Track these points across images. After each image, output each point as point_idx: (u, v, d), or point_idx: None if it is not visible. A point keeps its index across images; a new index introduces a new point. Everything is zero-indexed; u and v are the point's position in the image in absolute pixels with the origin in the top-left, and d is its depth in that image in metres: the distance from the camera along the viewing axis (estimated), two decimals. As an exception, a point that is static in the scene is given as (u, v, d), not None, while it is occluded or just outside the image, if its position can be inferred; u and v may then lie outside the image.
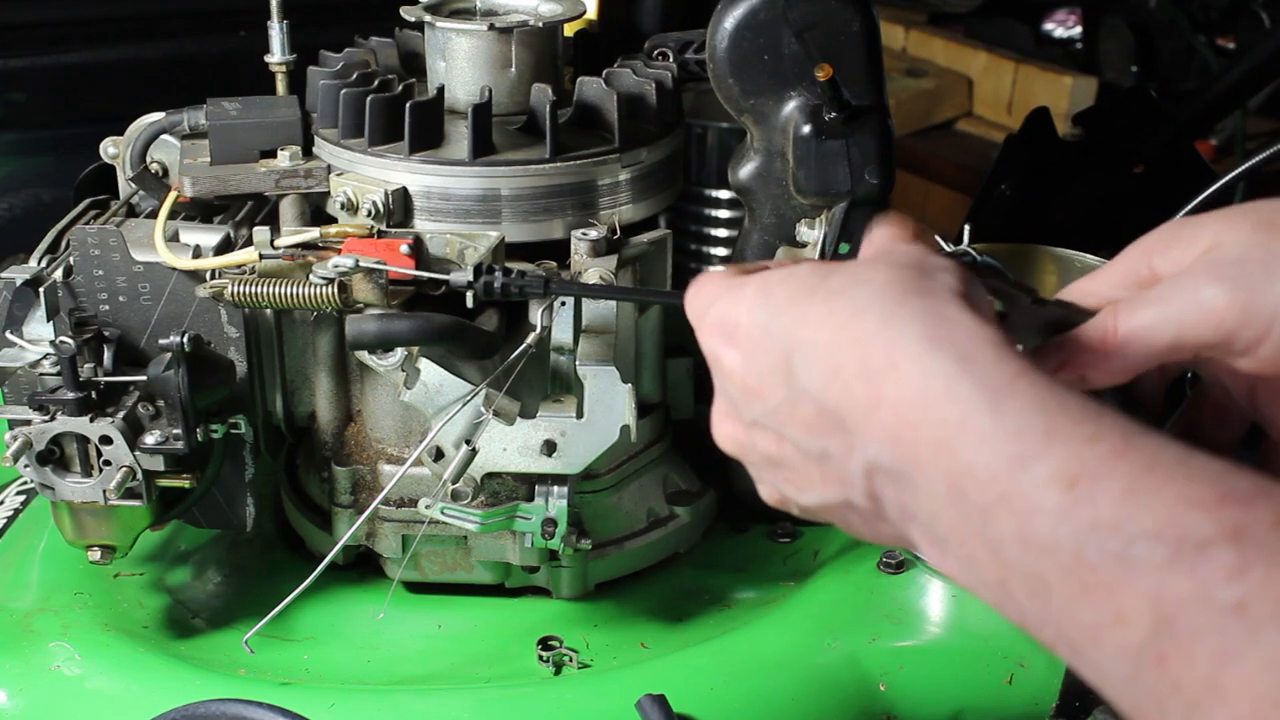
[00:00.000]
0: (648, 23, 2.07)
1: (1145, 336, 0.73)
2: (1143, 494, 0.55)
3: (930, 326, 0.64)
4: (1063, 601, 0.56)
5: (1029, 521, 0.57)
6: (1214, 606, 0.51)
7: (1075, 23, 4.12)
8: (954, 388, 0.61)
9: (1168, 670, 0.52)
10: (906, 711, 1.24)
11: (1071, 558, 0.56)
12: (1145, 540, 0.53)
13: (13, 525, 1.47)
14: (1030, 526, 0.57)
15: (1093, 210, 2.12)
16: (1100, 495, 0.55)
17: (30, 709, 1.24)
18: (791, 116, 1.31)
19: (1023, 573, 0.58)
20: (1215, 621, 0.51)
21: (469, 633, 1.38)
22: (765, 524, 1.50)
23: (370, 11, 2.25)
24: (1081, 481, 0.56)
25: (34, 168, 2.49)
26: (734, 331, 0.73)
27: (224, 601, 1.42)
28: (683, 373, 1.48)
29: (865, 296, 0.67)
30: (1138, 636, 0.53)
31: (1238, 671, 0.50)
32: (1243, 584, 0.51)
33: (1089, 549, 0.55)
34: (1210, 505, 0.53)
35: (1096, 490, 0.56)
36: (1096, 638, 0.55)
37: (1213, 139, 3.41)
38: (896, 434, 0.63)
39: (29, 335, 1.23)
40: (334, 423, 1.37)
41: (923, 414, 0.62)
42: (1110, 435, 0.57)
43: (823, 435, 0.68)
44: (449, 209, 1.28)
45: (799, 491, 0.73)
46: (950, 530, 0.62)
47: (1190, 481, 0.55)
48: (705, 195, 1.71)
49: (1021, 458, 0.58)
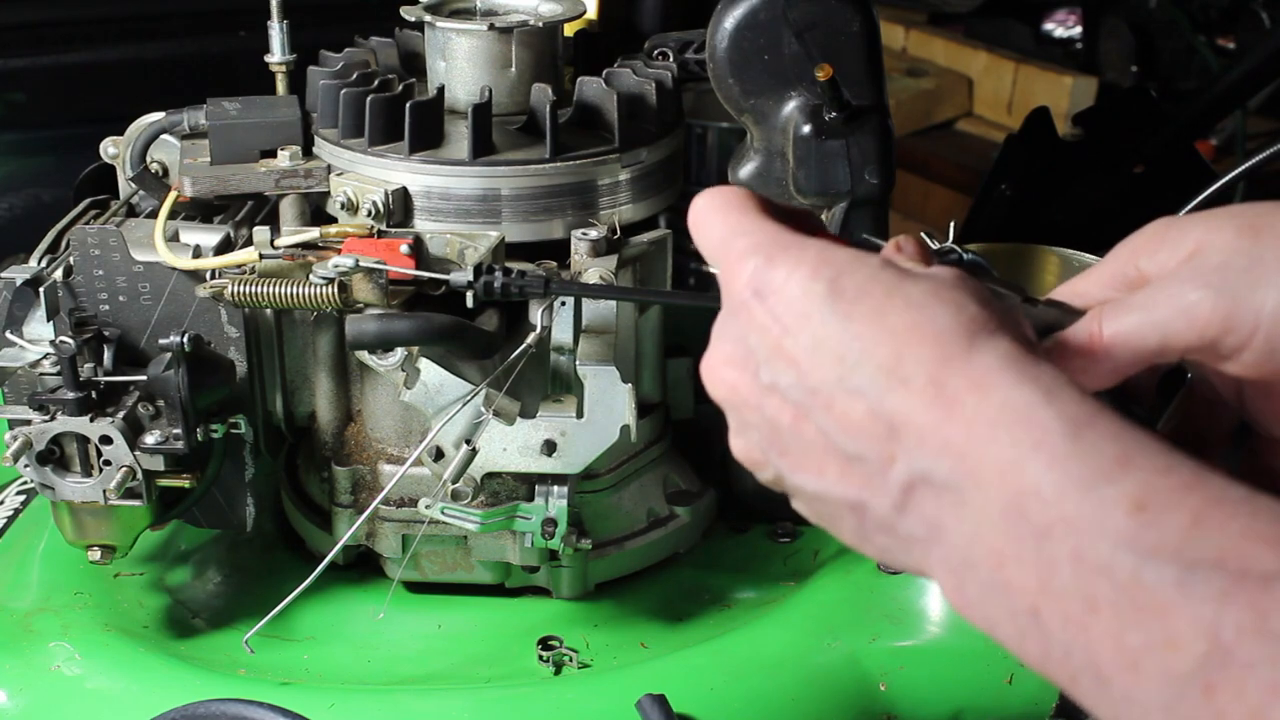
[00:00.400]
0: (648, 23, 2.07)
1: (1130, 341, 0.73)
2: (1209, 525, 0.55)
3: (1017, 359, 0.64)
4: (1109, 624, 0.56)
5: (1090, 541, 0.57)
6: (1272, 639, 0.51)
7: (1075, 23, 4.13)
8: (1036, 414, 0.61)
9: (1214, 700, 0.52)
10: (906, 711, 1.24)
11: (1129, 579, 0.55)
12: (1207, 569, 0.54)
13: (13, 525, 1.47)
14: (1090, 546, 0.57)
15: (1093, 210, 2.12)
16: (1167, 522, 0.56)
17: (30, 709, 1.24)
18: (791, 116, 1.31)
19: (1070, 595, 0.58)
20: (1272, 654, 0.51)
21: (469, 633, 1.38)
22: (765, 524, 1.50)
23: (370, 11, 2.25)
24: (1150, 508, 0.56)
25: (34, 168, 2.49)
26: (781, 296, 0.70)
27: (224, 601, 1.42)
28: (683, 373, 1.47)
29: (949, 317, 0.66)
30: (1187, 664, 0.53)
31: None
32: None
33: (1148, 572, 0.55)
34: (1275, 541, 0.53)
35: (1164, 517, 0.56)
36: (1139, 663, 0.55)
37: (1213, 139, 3.42)
38: (962, 450, 0.62)
39: (29, 335, 1.23)
40: (334, 423, 1.37)
41: (998, 434, 0.61)
42: (1182, 470, 0.58)
43: (864, 438, 0.66)
44: (449, 209, 1.28)
45: (796, 472, 0.71)
46: (990, 552, 0.61)
47: (1255, 518, 0.55)
48: (705, 195, 1.70)
49: (1092, 480, 0.58)
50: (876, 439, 0.66)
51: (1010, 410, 0.62)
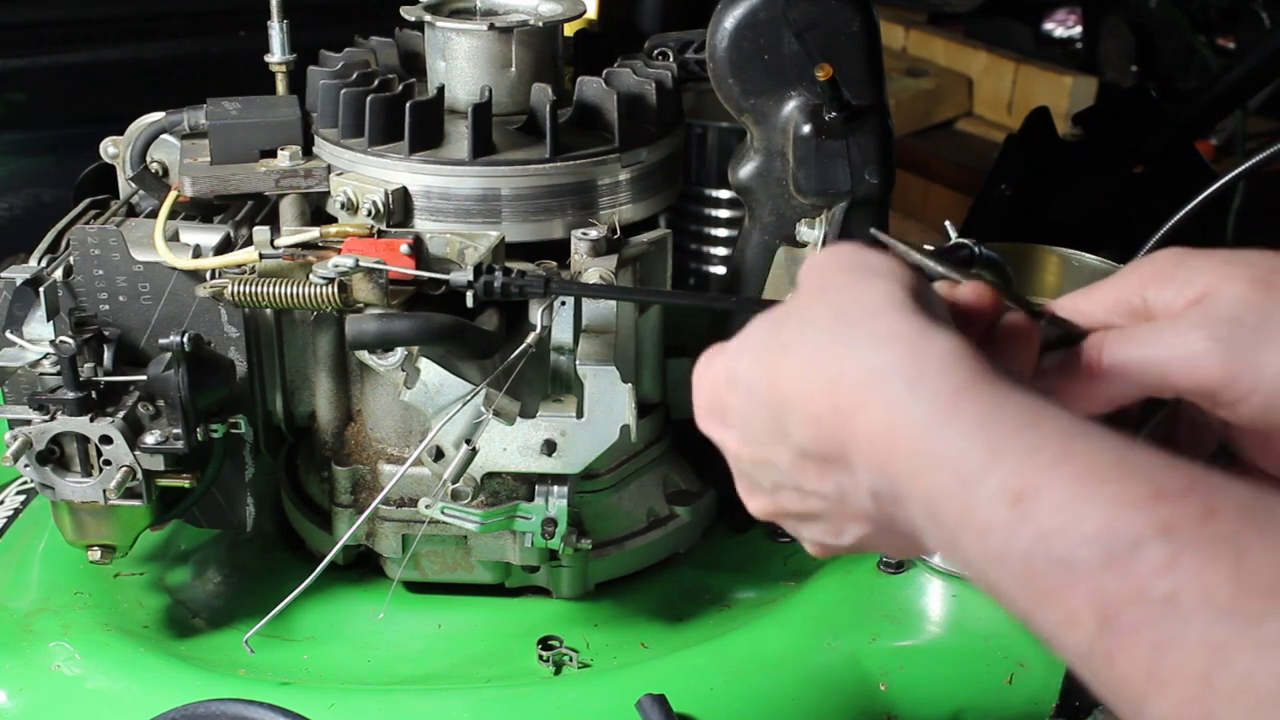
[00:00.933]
0: (648, 23, 2.06)
1: (1129, 374, 0.74)
2: (1081, 500, 0.57)
3: (874, 354, 0.66)
4: (1022, 612, 0.59)
5: (984, 539, 0.59)
6: (1148, 600, 0.53)
7: (1075, 23, 4.13)
8: (907, 415, 0.63)
9: (1115, 666, 0.54)
10: (906, 711, 1.24)
11: (1023, 569, 0.58)
12: (1085, 544, 0.56)
13: (13, 525, 1.47)
14: (987, 543, 0.59)
15: (1093, 210, 2.12)
16: (1042, 507, 0.58)
17: (30, 709, 1.24)
18: (791, 116, 1.31)
19: (988, 586, 0.61)
20: (1150, 614, 0.53)
21: (469, 633, 1.38)
22: (765, 524, 1.50)
23: (370, 11, 2.25)
24: (1025, 496, 0.58)
25: (34, 168, 2.49)
26: (724, 412, 0.75)
27: (224, 601, 1.42)
28: (683, 373, 1.47)
29: (816, 342, 0.69)
30: (1086, 637, 0.55)
31: (1172, 659, 0.52)
32: (1173, 577, 0.53)
33: (1037, 559, 0.57)
34: (1143, 502, 0.55)
35: (1039, 502, 0.58)
36: (1057, 642, 0.58)
37: (1213, 139, 3.42)
38: (880, 463, 0.65)
39: (29, 335, 1.23)
40: (334, 423, 1.37)
41: (890, 442, 0.64)
42: (1049, 444, 0.59)
43: (831, 477, 0.69)
44: (449, 209, 1.28)
45: (838, 535, 0.74)
46: (938, 547, 0.65)
47: (1125, 481, 0.57)
48: (705, 195, 1.70)
49: (970, 479, 0.60)
50: (837, 472, 0.69)
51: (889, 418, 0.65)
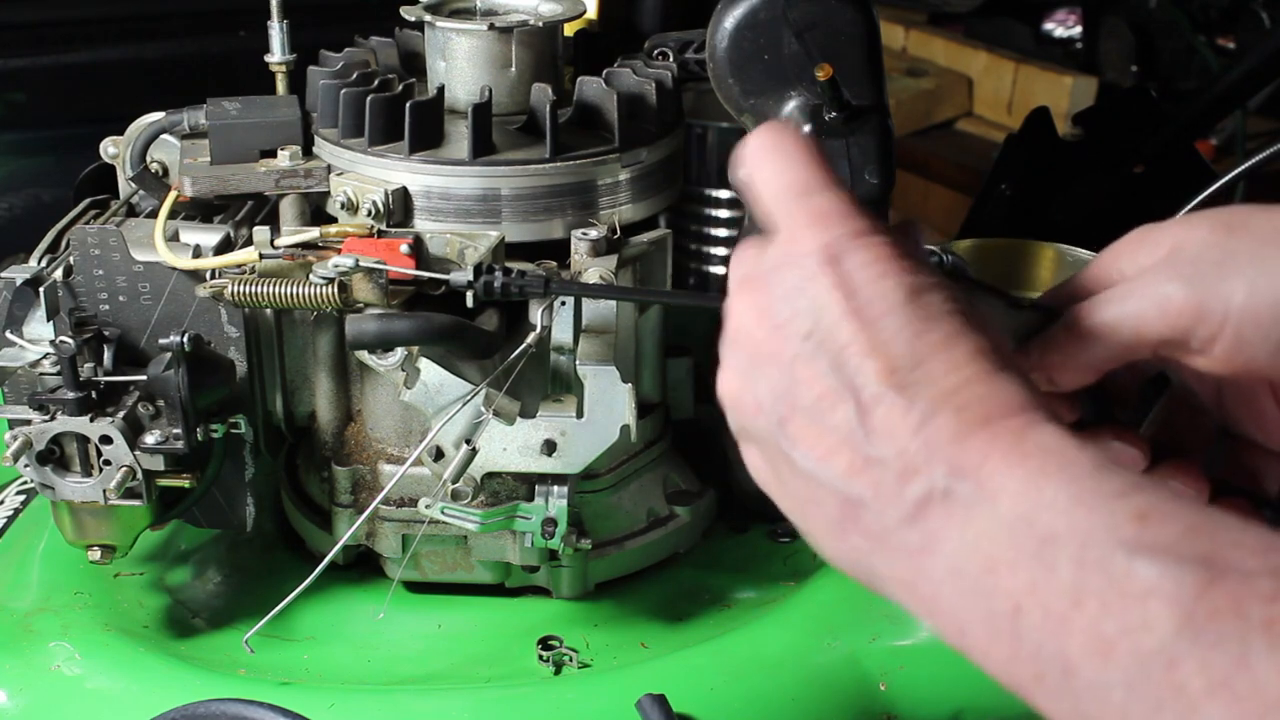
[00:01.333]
0: (648, 23, 2.06)
1: (1104, 334, 0.76)
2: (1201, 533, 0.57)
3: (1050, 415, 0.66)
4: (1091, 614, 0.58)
5: (1093, 542, 0.59)
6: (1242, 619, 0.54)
7: (1075, 23, 4.13)
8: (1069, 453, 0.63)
9: (1175, 672, 0.54)
10: (906, 711, 1.24)
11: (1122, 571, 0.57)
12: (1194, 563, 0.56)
13: (13, 525, 1.47)
14: (1092, 546, 0.59)
15: (1093, 210, 2.12)
16: (1164, 528, 0.58)
17: (30, 709, 1.24)
18: (791, 116, 1.31)
19: (1059, 591, 0.59)
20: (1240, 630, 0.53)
21: (469, 633, 1.38)
22: (765, 524, 1.50)
23: (370, 11, 2.25)
24: (1150, 518, 0.59)
25: (34, 168, 2.49)
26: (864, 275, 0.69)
27: (224, 601, 1.42)
28: (683, 373, 1.47)
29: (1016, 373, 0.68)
30: (1156, 641, 0.55)
31: None
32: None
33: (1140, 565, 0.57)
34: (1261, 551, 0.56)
35: (1162, 525, 0.58)
36: (1111, 648, 0.57)
37: (1213, 139, 3.42)
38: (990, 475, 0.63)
39: (29, 335, 1.23)
40: (334, 423, 1.37)
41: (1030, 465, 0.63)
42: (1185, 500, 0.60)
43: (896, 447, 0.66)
44: (449, 209, 1.28)
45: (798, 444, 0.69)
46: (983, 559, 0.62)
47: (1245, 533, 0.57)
48: (705, 195, 1.71)
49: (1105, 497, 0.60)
50: (908, 453, 0.65)
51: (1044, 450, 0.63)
